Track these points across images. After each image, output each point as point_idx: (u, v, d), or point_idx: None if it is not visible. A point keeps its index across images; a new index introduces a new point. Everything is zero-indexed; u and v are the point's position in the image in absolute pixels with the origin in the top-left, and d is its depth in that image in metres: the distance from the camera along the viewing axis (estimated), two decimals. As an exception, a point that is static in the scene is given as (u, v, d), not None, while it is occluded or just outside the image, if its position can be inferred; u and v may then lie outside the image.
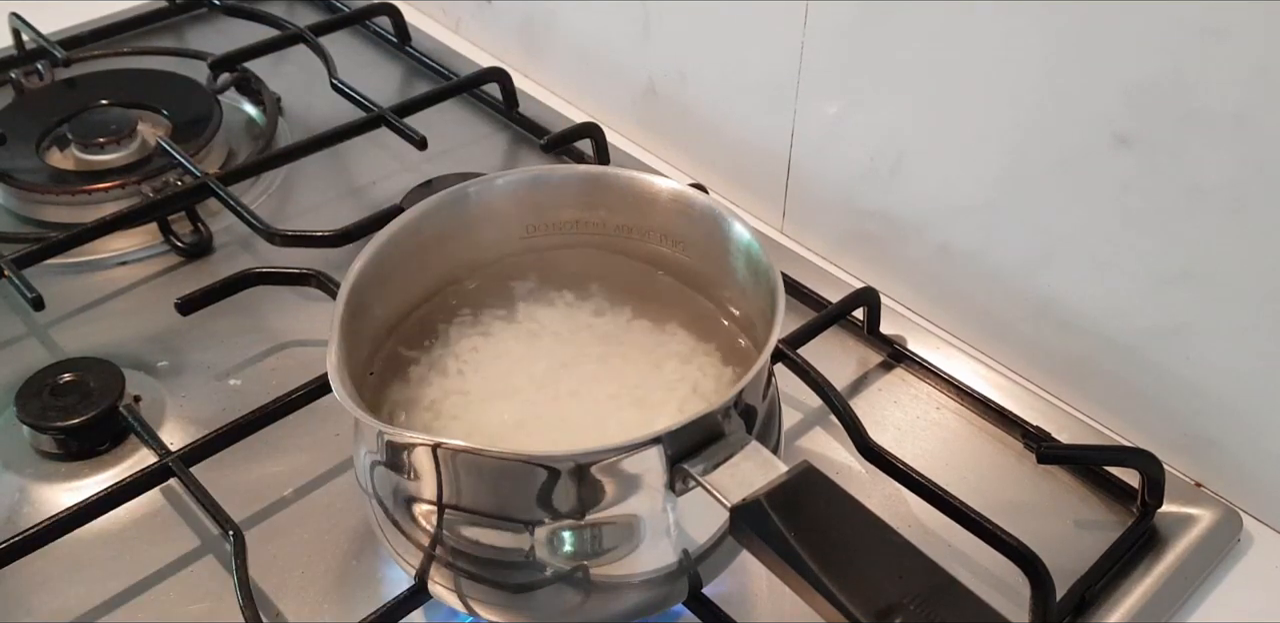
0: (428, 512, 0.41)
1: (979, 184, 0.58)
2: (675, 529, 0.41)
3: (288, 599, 0.50)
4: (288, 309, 0.64)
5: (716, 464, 0.37)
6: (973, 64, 0.55)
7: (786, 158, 0.69)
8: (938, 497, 0.50)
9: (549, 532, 0.39)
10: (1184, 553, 0.52)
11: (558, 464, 0.38)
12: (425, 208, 0.46)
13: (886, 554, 0.35)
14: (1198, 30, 0.45)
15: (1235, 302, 0.51)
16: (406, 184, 0.69)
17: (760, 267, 0.44)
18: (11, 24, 0.81)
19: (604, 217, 0.49)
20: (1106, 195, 0.53)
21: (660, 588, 0.43)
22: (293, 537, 0.52)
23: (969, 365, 0.61)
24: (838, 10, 0.59)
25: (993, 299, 0.62)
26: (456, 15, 0.91)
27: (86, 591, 0.50)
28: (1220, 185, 0.48)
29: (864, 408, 0.57)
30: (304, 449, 0.56)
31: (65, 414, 0.55)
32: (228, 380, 0.60)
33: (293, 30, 0.80)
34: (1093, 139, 0.51)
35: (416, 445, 0.39)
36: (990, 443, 0.57)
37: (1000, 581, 0.50)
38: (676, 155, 0.78)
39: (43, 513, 0.51)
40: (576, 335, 0.48)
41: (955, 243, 0.62)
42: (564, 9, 0.80)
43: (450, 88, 0.76)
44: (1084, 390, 0.60)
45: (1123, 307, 0.55)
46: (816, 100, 0.64)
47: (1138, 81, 0.48)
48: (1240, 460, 0.55)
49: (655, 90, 0.76)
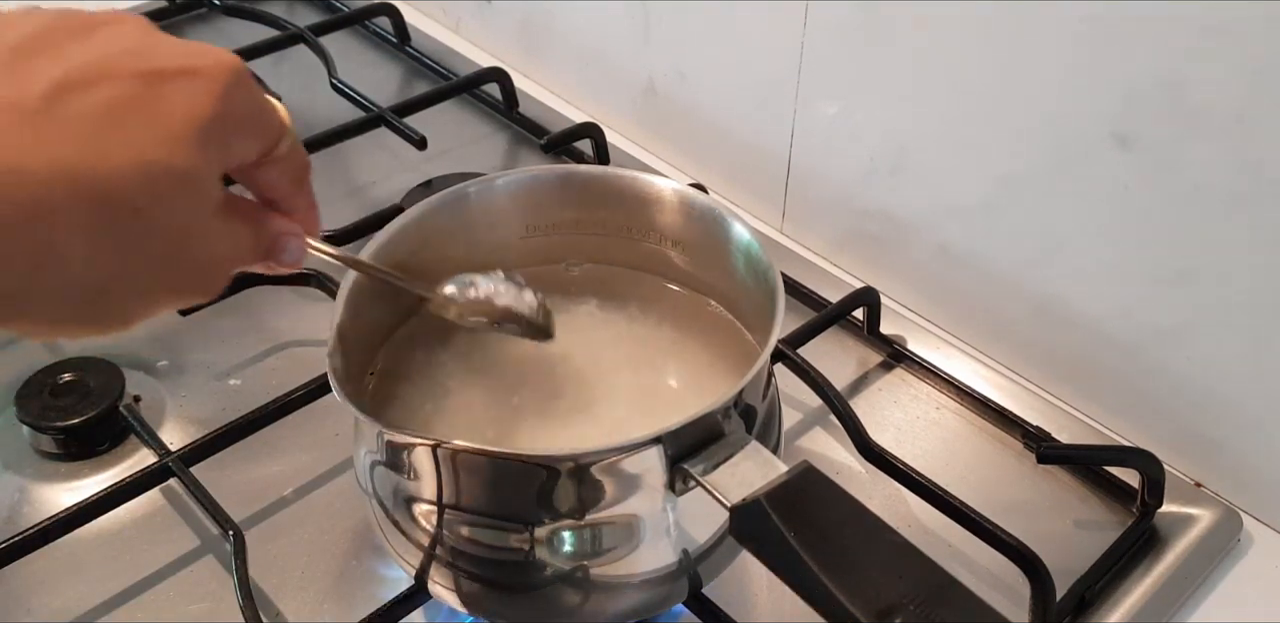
0: (428, 512, 0.41)
1: (979, 184, 0.58)
2: (675, 529, 0.41)
3: (288, 599, 0.50)
4: (288, 309, 0.64)
5: (716, 464, 0.37)
6: (973, 64, 0.55)
7: (786, 158, 0.69)
8: (938, 497, 0.50)
9: (549, 532, 0.39)
10: (1184, 553, 0.52)
11: (558, 464, 0.38)
12: (425, 208, 0.46)
13: (886, 554, 0.35)
14: (1198, 30, 0.45)
15: (1235, 302, 0.50)
16: (406, 184, 0.70)
17: (760, 267, 0.44)
18: (11, 24, 0.81)
19: (604, 217, 0.49)
20: (1106, 195, 0.53)
21: (660, 588, 0.43)
22: (293, 537, 0.52)
23: (969, 365, 0.61)
24: (838, 10, 0.59)
25: (993, 299, 0.62)
26: (456, 15, 0.91)
27: (86, 591, 0.50)
28: (1220, 185, 0.48)
29: (864, 408, 0.57)
30: (304, 449, 0.56)
31: (65, 414, 0.55)
32: (228, 380, 0.60)
33: (293, 30, 0.80)
34: (1093, 139, 0.51)
35: (416, 445, 0.39)
36: (990, 443, 0.57)
37: (1000, 581, 0.50)
38: (676, 155, 0.78)
39: (43, 513, 0.51)
40: (577, 335, 0.48)
41: (955, 243, 0.62)
42: (564, 9, 0.80)
43: (450, 88, 0.76)
44: (1084, 390, 0.60)
45: (1123, 306, 0.55)
46: (816, 100, 0.64)
47: (1138, 81, 0.48)
48: (1240, 461, 0.55)
49: (655, 90, 0.76)
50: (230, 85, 0.28)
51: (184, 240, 0.28)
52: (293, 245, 0.34)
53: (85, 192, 0.25)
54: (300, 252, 0.34)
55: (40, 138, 0.24)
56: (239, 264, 0.32)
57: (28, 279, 0.25)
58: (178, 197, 0.27)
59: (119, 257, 0.26)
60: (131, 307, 0.28)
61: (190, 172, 0.27)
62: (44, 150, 0.24)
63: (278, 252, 0.33)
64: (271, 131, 0.31)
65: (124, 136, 0.25)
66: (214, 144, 0.28)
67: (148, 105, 0.26)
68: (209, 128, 0.27)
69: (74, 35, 0.27)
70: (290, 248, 0.33)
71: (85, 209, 0.25)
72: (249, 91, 0.29)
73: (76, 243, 0.25)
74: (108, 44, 0.27)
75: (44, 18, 0.27)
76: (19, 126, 0.24)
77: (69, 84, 0.25)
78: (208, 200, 0.29)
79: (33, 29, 0.26)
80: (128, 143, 0.25)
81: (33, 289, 0.25)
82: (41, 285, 0.25)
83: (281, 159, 0.32)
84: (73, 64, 0.26)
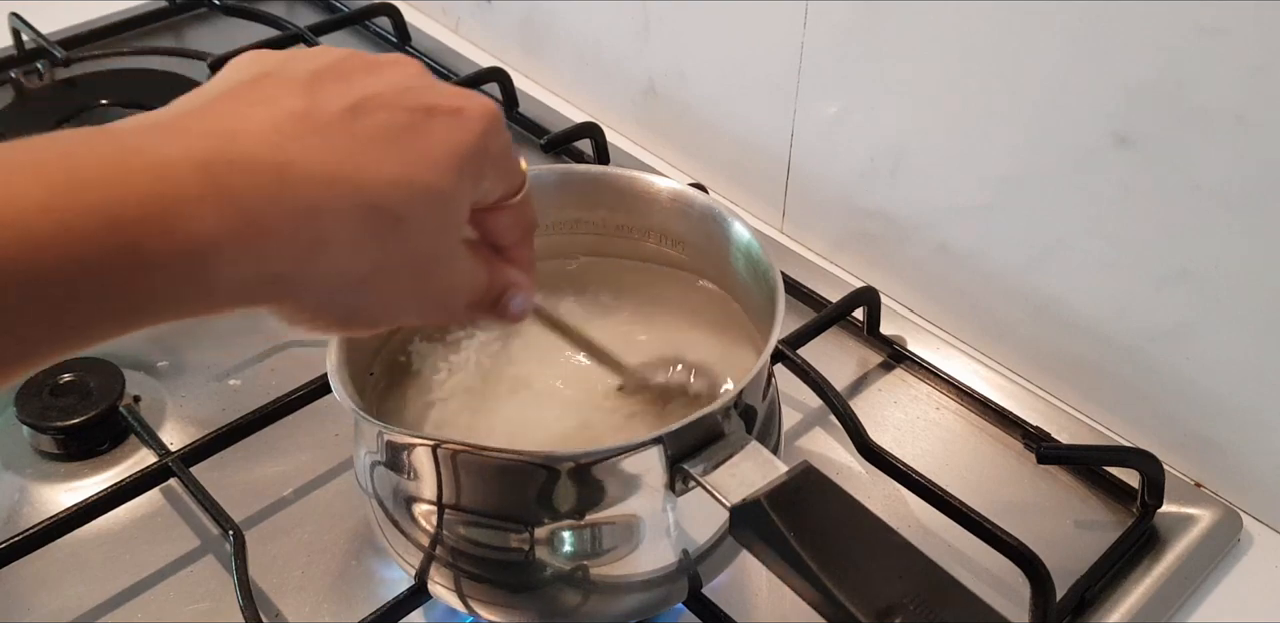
0: (427, 512, 0.41)
1: (979, 184, 0.58)
2: (675, 529, 0.41)
3: (288, 599, 0.50)
4: (288, 309, 0.64)
5: (716, 464, 0.37)
6: (973, 64, 0.55)
7: (786, 158, 0.69)
8: (938, 497, 0.50)
9: (549, 532, 0.39)
10: (1184, 553, 0.52)
11: (558, 464, 0.38)
12: (425, 208, 0.46)
13: (886, 554, 0.35)
14: (1197, 30, 0.45)
15: (1235, 302, 0.51)
16: (406, 184, 0.69)
17: (760, 267, 0.44)
18: (11, 24, 0.81)
19: (604, 217, 0.49)
20: (1106, 195, 0.53)
21: (660, 588, 0.43)
22: (293, 537, 0.52)
23: (969, 365, 0.61)
24: (838, 10, 0.59)
25: (993, 299, 0.62)
26: (456, 15, 0.91)
27: (86, 591, 0.50)
28: (1220, 185, 0.48)
29: (864, 408, 0.57)
30: (304, 449, 0.56)
31: (65, 414, 0.55)
32: (228, 380, 0.60)
33: (293, 30, 0.80)
34: (1093, 139, 0.51)
35: (416, 445, 0.39)
36: (990, 443, 0.57)
37: (1000, 581, 0.50)
38: (676, 155, 0.78)
39: (43, 513, 0.51)
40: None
41: (955, 243, 0.62)
42: (564, 9, 0.80)
43: (450, 88, 0.76)
44: (1084, 390, 0.60)
45: (1123, 306, 0.55)
46: (816, 100, 0.64)
47: (1138, 81, 0.48)
48: (1240, 461, 0.55)
49: (655, 90, 0.76)
50: (489, 127, 0.32)
51: (433, 256, 0.32)
52: (519, 299, 0.37)
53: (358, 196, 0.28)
54: (526, 306, 0.37)
55: (329, 146, 0.28)
56: (473, 298, 0.35)
57: (301, 264, 0.28)
58: (432, 214, 0.31)
59: (380, 257, 0.30)
60: (381, 309, 0.32)
61: (446, 193, 0.31)
62: (331, 156, 0.28)
63: (505, 302, 0.36)
64: (516, 177, 0.35)
65: (397, 156, 0.29)
66: (468, 176, 0.31)
67: (420, 133, 0.30)
68: (467, 159, 0.31)
69: (367, 70, 0.31)
70: (517, 300, 0.37)
71: (356, 211, 0.28)
72: (503, 136, 0.33)
73: (344, 239, 0.28)
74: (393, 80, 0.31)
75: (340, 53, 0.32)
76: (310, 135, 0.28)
77: (359, 107, 0.29)
78: (456, 223, 0.32)
79: (330, 61, 0.31)
80: (400, 162, 0.29)
81: (304, 274, 0.28)
82: (311, 272, 0.28)
83: (515, 209, 0.36)
84: (364, 93, 0.30)
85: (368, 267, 0.30)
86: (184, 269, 0.26)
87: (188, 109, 0.29)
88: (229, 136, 0.27)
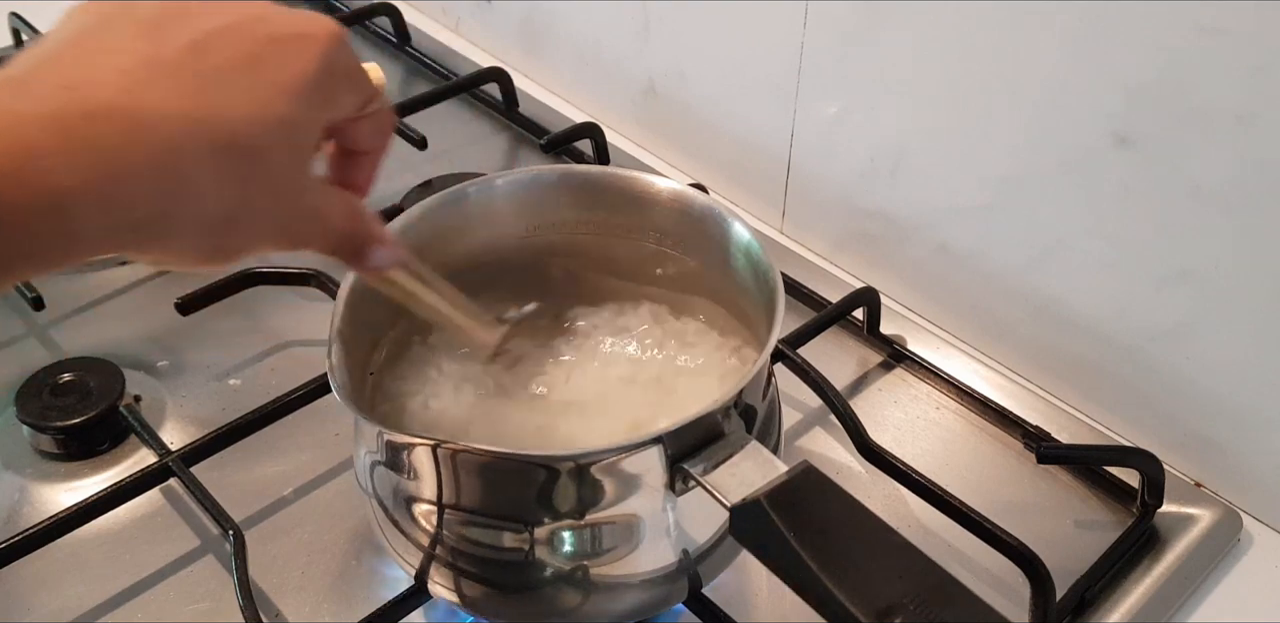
0: (427, 512, 0.41)
1: (979, 184, 0.58)
2: (675, 529, 0.41)
3: (288, 599, 0.50)
4: (288, 309, 0.64)
5: (716, 464, 0.37)
6: (973, 64, 0.55)
7: (786, 158, 0.69)
8: (938, 497, 0.50)
9: (549, 532, 0.39)
10: (1184, 553, 0.52)
11: (558, 464, 0.38)
12: (425, 208, 0.46)
13: (886, 554, 0.35)
14: (1197, 30, 0.45)
15: (1235, 302, 0.51)
16: (406, 184, 0.69)
17: (760, 267, 0.44)
18: (11, 24, 0.81)
19: (604, 216, 0.49)
20: (1106, 195, 0.53)
21: (660, 588, 0.43)
22: (293, 537, 0.52)
23: (969, 365, 0.61)
24: (838, 10, 0.59)
25: (993, 299, 0.62)
26: (456, 15, 0.91)
27: (86, 591, 0.50)
28: (1220, 185, 0.48)
29: (864, 408, 0.57)
30: (304, 449, 0.56)
31: (65, 414, 0.55)
32: (228, 380, 0.60)
33: (293, 30, 0.79)
34: (1093, 139, 0.51)
35: (416, 445, 0.39)
36: (990, 443, 0.57)
37: (1000, 581, 0.50)
38: (676, 155, 0.78)
39: (43, 513, 0.51)
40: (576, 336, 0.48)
41: (955, 243, 0.62)
42: (564, 9, 0.80)
43: (450, 88, 0.76)
44: (1084, 390, 0.60)
45: (1123, 306, 0.55)
46: (816, 100, 0.64)
47: (1137, 82, 0.48)
48: (1240, 460, 0.55)
49: (655, 90, 0.76)
50: (330, 47, 0.32)
51: (294, 184, 0.32)
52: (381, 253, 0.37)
53: (213, 135, 0.29)
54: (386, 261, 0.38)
55: (178, 88, 0.28)
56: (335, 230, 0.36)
57: (164, 208, 0.28)
58: (288, 143, 0.31)
59: (242, 191, 0.30)
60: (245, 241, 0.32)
61: (300, 122, 0.31)
62: (183, 97, 0.28)
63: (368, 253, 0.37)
64: (366, 88, 0.35)
65: (247, 90, 0.30)
66: (319, 100, 0.32)
67: (266, 64, 0.31)
68: (315, 84, 0.31)
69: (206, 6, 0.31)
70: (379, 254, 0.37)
71: (213, 150, 0.29)
72: (346, 52, 0.34)
73: (206, 179, 0.29)
74: (233, 13, 0.31)
75: None
76: (160, 78, 0.28)
77: (202, 45, 0.30)
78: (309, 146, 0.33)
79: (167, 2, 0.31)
80: (250, 95, 0.30)
81: (171, 218, 0.29)
82: (178, 215, 0.29)
83: (373, 116, 0.36)
84: (205, 28, 0.30)
85: (231, 204, 0.30)
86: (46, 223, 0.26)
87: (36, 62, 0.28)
88: (79, 87, 0.27)
